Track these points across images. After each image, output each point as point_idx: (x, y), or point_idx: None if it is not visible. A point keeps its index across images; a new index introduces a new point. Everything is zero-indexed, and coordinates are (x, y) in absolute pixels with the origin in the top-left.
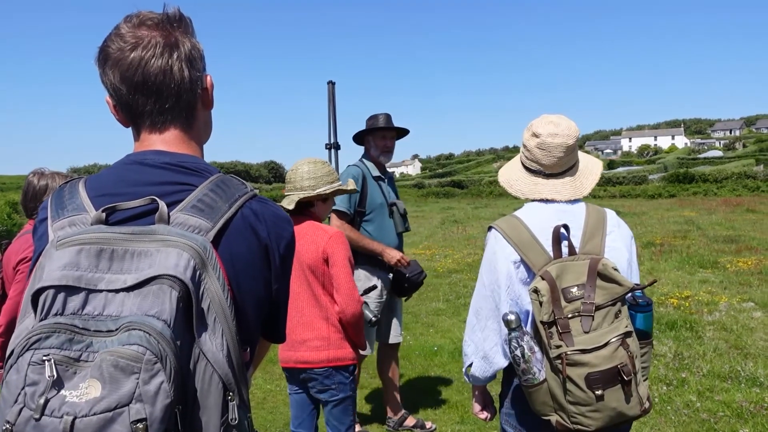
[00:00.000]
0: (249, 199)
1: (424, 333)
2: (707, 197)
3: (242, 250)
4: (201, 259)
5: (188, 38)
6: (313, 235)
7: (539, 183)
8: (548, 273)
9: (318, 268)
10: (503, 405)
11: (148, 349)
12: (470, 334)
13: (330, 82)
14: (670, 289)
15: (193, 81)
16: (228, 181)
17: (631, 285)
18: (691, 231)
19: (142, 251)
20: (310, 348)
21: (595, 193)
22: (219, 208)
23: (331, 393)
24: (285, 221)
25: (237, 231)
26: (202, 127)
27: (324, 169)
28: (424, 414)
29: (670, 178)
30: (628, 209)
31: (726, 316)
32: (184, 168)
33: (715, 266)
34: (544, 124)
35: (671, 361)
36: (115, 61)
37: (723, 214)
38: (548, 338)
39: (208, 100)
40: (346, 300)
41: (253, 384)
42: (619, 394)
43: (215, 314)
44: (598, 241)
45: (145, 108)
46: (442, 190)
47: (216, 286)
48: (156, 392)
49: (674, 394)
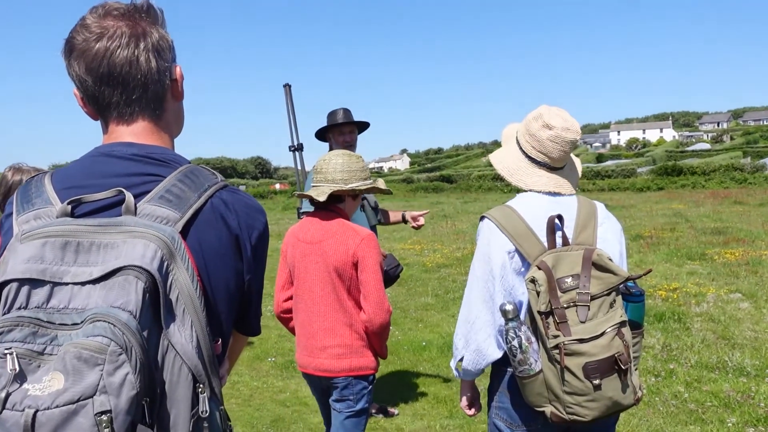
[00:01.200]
0: (219, 189)
1: (413, 328)
2: (695, 190)
3: (212, 240)
4: (169, 249)
5: (156, 28)
6: (343, 235)
7: (543, 175)
8: (544, 263)
9: (346, 272)
10: (493, 399)
11: (112, 341)
12: (462, 326)
13: (286, 85)
14: (659, 281)
15: (161, 71)
16: (197, 171)
17: (626, 275)
18: (679, 223)
19: (108, 243)
20: (331, 356)
21: (584, 187)
22: (188, 198)
23: (347, 404)
24: (257, 211)
25: (206, 221)
26: (173, 118)
27: (359, 164)
28: (413, 409)
29: (659, 171)
30: (616, 202)
31: (714, 307)
32: (152, 159)
33: (702, 258)
34: (554, 117)
35: (659, 352)
36: (81, 52)
37: (711, 207)
38: (545, 328)
39: (178, 92)
40: (374, 309)
41: (239, 381)
42: (615, 383)
43: (184, 305)
44: (591, 231)
45: (111, 99)
46: (431, 185)
47: (185, 277)
48: (121, 384)
49: (662, 385)
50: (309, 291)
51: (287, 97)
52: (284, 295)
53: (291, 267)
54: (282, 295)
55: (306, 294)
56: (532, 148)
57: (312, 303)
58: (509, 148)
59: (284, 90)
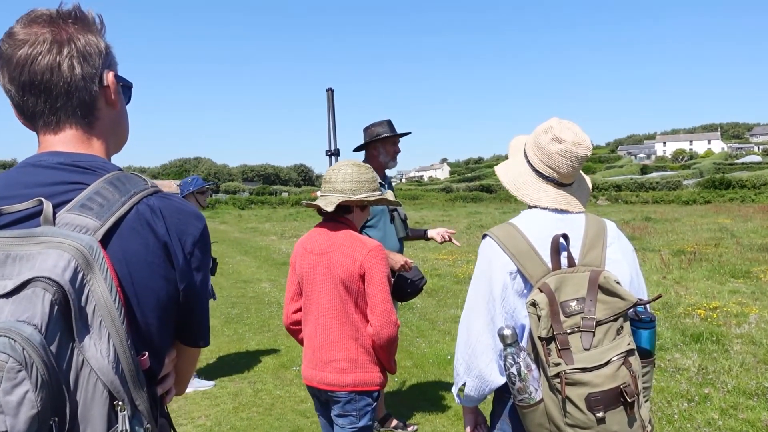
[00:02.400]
0: (147, 195)
1: (440, 341)
2: (744, 204)
3: (137, 249)
4: (85, 259)
5: (84, 34)
6: (350, 246)
7: (549, 191)
8: (547, 285)
9: (352, 284)
10: (495, 426)
11: (11, 357)
12: (462, 351)
13: (329, 90)
14: (698, 299)
15: (87, 78)
16: (125, 178)
17: (634, 299)
18: (724, 239)
19: (24, 255)
20: (335, 369)
21: (627, 199)
22: (111, 205)
23: (350, 419)
24: (191, 216)
25: (131, 228)
26: (109, 126)
27: (368, 175)
28: (432, 425)
29: (706, 184)
30: (660, 215)
31: (756, 329)
32: (77, 167)
33: (747, 276)
34: (565, 130)
35: (695, 375)
36: (5, 61)
37: (760, 222)
38: (546, 355)
39: (111, 99)
40: (381, 322)
41: (263, 389)
42: (621, 417)
43: (101, 317)
44: (599, 252)
45: (35, 108)
46: (470, 195)
47: (102, 288)
48: (19, 403)
49: (695, 411)
50: (316, 303)
51: (329, 102)
52: (293, 306)
53: (300, 278)
54: (291, 306)
55: (313, 306)
56: (540, 162)
57: (319, 315)
58: (516, 160)
59: (327, 94)
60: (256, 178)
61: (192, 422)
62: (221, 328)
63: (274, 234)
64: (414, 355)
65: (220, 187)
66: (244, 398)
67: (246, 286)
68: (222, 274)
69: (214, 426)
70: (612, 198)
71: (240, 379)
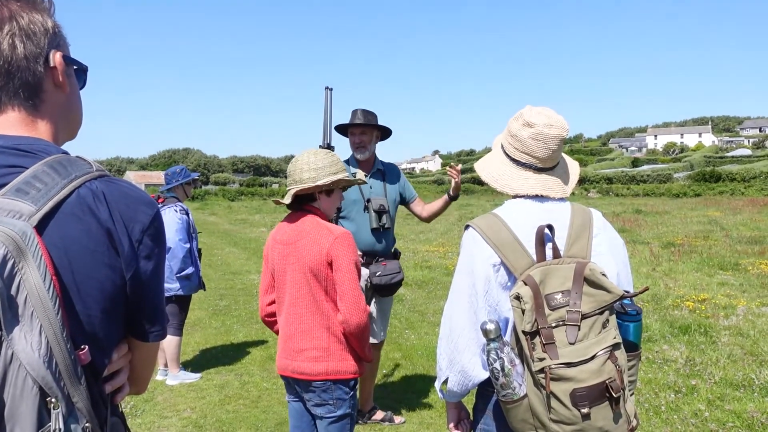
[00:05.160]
0: (91, 178)
1: (429, 332)
2: (734, 197)
3: (77, 235)
4: (17, 246)
5: (28, 12)
6: (316, 234)
7: (529, 177)
8: (531, 278)
9: (321, 272)
10: (478, 421)
11: None
12: (445, 345)
13: (328, 88)
14: (687, 291)
15: (30, 58)
16: (67, 161)
17: (620, 292)
18: (713, 231)
19: None
20: (308, 358)
21: (618, 191)
22: (49, 189)
23: (328, 408)
24: (139, 202)
25: (70, 213)
26: (58, 109)
27: (326, 160)
28: (420, 417)
29: (696, 177)
30: (650, 208)
31: (743, 321)
32: (17, 150)
33: (735, 268)
34: (536, 115)
35: (682, 367)
36: None
37: (749, 215)
38: (530, 350)
39: (59, 80)
40: (350, 309)
41: (250, 381)
42: (606, 412)
43: (33, 308)
44: (585, 243)
45: None
46: (462, 187)
47: (35, 277)
48: None
49: (682, 402)
50: (288, 293)
51: (327, 100)
52: (268, 299)
53: (272, 269)
54: (266, 299)
55: (285, 296)
56: (515, 150)
57: (290, 305)
58: (493, 153)
59: (325, 93)
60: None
61: (177, 415)
62: (209, 320)
63: (264, 226)
64: (403, 347)
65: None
66: (231, 390)
67: (234, 278)
68: (210, 266)
69: (200, 419)
70: (603, 190)
71: (227, 372)
